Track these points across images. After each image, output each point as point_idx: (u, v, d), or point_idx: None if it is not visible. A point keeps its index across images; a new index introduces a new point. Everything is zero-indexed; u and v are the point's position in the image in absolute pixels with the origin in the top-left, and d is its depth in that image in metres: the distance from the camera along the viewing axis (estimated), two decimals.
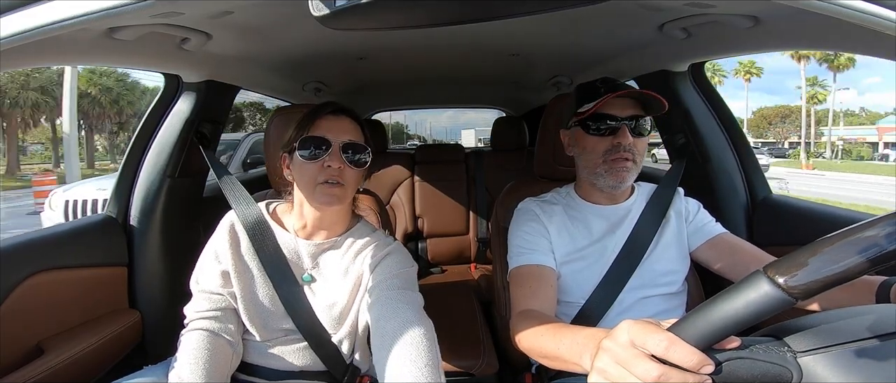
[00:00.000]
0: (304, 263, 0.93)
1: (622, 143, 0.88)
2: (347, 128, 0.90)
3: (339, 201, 0.89)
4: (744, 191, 1.28)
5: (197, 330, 0.89)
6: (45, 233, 1.11)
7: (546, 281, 0.89)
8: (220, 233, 0.93)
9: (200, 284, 0.92)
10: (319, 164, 0.86)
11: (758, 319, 0.39)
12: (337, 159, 0.86)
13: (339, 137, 0.88)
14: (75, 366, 1.02)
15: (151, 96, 10.10)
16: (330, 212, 0.92)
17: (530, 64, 1.73)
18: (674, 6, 0.90)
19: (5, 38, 0.60)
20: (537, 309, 0.81)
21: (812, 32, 0.84)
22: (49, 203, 4.00)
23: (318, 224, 0.93)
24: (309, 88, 1.92)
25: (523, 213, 0.99)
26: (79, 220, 1.33)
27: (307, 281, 0.93)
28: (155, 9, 0.73)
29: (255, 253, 0.91)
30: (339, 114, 0.91)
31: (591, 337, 0.55)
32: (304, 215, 0.93)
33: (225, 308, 0.91)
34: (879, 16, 0.52)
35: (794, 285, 0.38)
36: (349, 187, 0.89)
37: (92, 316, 1.13)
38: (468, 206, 2.31)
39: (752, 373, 0.41)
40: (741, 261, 0.90)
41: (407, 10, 0.60)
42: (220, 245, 0.92)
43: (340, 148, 0.87)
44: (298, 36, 1.17)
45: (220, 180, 1.08)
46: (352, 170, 0.88)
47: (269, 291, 0.90)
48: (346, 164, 0.87)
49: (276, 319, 0.91)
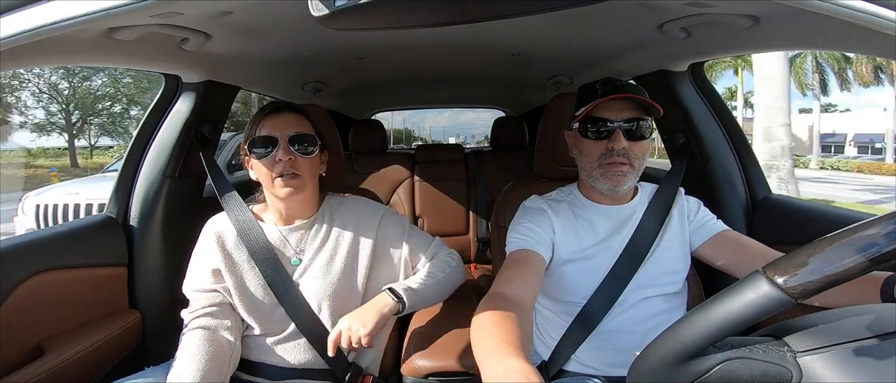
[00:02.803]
0: (288, 249, 0.98)
1: (615, 148, 0.87)
2: (291, 122, 0.95)
3: (299, 190, 0.94)
4: (744, 190, 1.28)
5: (194, 330, 0.92)
6: (46, 234, 1.11)
7: (531, 267, 0.86)
8: (206, 234, 1.00)
9: (193, 285, 0.97)
10: (271, 160, 0.92)
11: (757, 319, 0.39)
12: (285, 152, 0.92)
13: (284, 132, 0.93)
14: (75, 366, 1.02)
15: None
16: (295, 200, 0.96)
17: (530, 64, 1.73)
18: (674, 6, 0.90)
19: (5, 38, 0.60)
20: (508, 294, 0.75)
21: (812, 32, 0.84)
22: (21, 207, 3.99)
23: (289, 212, 0.99)
24: (309, 88, 1.92)
25: (530, 208, 0.99)
26: (79, 220, 1.33)
27: (296, 264, 0.97)
28: (154, 9, 0.73)
29: (242, 245, 0.96)
30: (280, 112, 0.96)
31: (501, 363, 0.53)
32: (275, 208, 0.99)
33: (220, 303, 0.96)
34: (879, 16, 0.52)
35: (793, 285, 0.38)
36: (306, 176, 0.95)
37: (92, 317, 1.13)
38: (468, 206, 2.31)
39: (751, 373, 0.41)
40: (745, 257, 0.89)
41: (407, 10, 0.60)
42: (207, 244, 0.98)
43: (287, 141, 0.92)
44: (298, 36, 1.17)
45: (213, 181, 1.11)
46: (304, 159, 0.94)
47: (259, 280, 0.95)
48: (297, 155, 0.93)
49: (270, 307, 0.95)
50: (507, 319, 0.64)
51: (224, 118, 1.46)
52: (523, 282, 0.80)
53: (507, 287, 0.77)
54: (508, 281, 0.80)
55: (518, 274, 0.83)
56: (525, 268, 0.85)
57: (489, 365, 0.53)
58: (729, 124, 1.32)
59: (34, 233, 1.10)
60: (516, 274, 0.82)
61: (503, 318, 0.65)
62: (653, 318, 0.90)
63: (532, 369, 0.51)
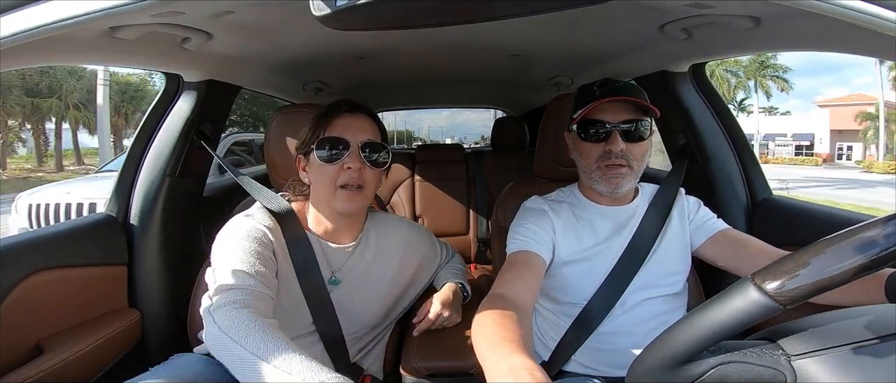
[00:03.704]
0: (326, 267, 0.90)
1: (613, 150, 0.87)
2: (365, 126, 0.87)
3: (360, 205, 0.87)
4: (744, 191, 1.28)
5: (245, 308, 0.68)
6: (45, 233, 1.11)
7: (531, 268, 0.85)
8: (256, 226, 0.83)
9: (246, 265, 0.76)
10: (338, 166, 0.84)
11: (746, 326, 0.40)
12: (356, 160, 0.84)
13: (358, 137, 0.85)
14: (75, 366, 1.02)
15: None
16: (350, 215, 0.90)
17: (530, 64, 1.73)
18: (674, 6, 0.90)
19: (6, 37, 0.60)
20: (508, 295, 0.75)
21: (812, 33, 0.84)
22: (15, 206, 3.98)
23: (338, 226, 0.91)
24: (309, 88, 1.92)
25: (530, 208, 0.99)
26: (78, 219, 1.33)
27: (334, 284, 0.91)
28: (156, 8, 0.73)
29: (286, 250, 0.86)
30: (356, 113, 0.88)
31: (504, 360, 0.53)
32: (323, 217, 0.91)
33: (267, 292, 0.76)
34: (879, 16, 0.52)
35: (781, 292, 0.39)
36: (369, 189, 0.87)
37: (92, 316, 1.13)
38: (468, 206, 2.31)
39: (745, 377, 0.42)
40: (747, 255, 0.89)
41: (407, 10, 0.60)
42: (260, 236, 0.81)
43: (359, 148, 0.84)
44: (299, 36, 1.18)
45: (237, 177, 1.08)
46: (371, 171, 0.86)
47: (295, 290, 0.87)
48: (366, 165, 0.85)
49: (297, 319, 0.88)
50: (509, 318, 0.64)
51: (225, 117, 1.46)
52: (523, 283, 0.80)
53: (507, 288, 0.77)
54: (508, 282, 0.80)
55: (518, 275, 0.82)
56: (525, 269, 0.84)
57: (493, 364, 0.53)
58: (730, 125, 1.31)
59: (34, 231, 1.11)
60: (516, 275, 0.82)
61: (504, 317, 0.64)
62: (653, 319, 0.90)
63: (535, 365, 0.51)
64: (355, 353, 0.96)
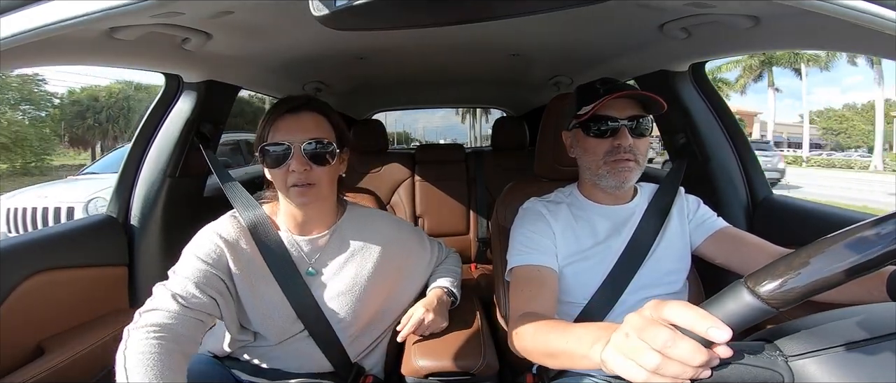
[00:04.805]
0: (302, 259, 0.93)
1: (622, 145, 0.88)
2: (308, 125, 0.86)
3: (315, 200, 0.88)
4: (744, 191, 1.28)
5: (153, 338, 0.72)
6: (46, 233, 1.11)
7: (547, 284, 0.88)
8: (209, 242, 0.87)
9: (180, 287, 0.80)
10: (284, 170, 0.84)
11: (740, 328, 0.40)
12: (299, 162, 0.83)
13: (299, 137, 0.84)
14: (75, 366, 1.02)
15: None
16: (312, 209, 0.91)
17: (530, 64, 1.73)
18: (674, 6, 0.90)
19: (5, 38, 0.60)
20: (539, 312, 0.79)
21: (812, 32, 0.84)
22: None
23: (306, 218, 0.93)
24: (309, 88, 1.92)
25: (528, 213, 0.99)
26: (79, 220, 1.33)
27: (311, 275, 0.92)
28: (155, 9, 0.73)
29: (258, 252, 0.89)
30: (298, 112, 0.87)
31: (603, 328, 0.54)
32: (291, 214, 0.93)
33: (205, 315, 0.81)
34: (879, 16, 0.51)
35: (773, 296, 0.38)
36: (322, 185, 0.87)
37: (92, 316, 1.13)
38: (468, 206, 2.31)
39: (742, 379, 0.41)
40: (747, 253, 0.89)
41: (407, 10, 0.60)
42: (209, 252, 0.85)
43: (302, 150, 0.84)
44: (299, 36, 1.17)
45: (221, 182, 1.08)
46: (320, 168, 0.85)
47: (275, 290, 0.89)
48: (311, 165, 0.84)
49: (286, 319, 0.90)
50: (552, 320, 0.72)
51: (225, 117, 1.46)
52: (544, 301, 0.84)
53: (530, 305, 0.82)
54: (530, 300, 0.84)
55: (538, 293, 0.86)
56: (542, 287, 0.87)
57: (587, 346, 0.54)
58: (730, 124, 1.31)
59: (35, 232, 1.11)
60: (536, 293, 0.86)
61: (550, 321, 0.72)
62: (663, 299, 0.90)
63: (611, 324, 0.53)
64: (356, 354, 0.97)
